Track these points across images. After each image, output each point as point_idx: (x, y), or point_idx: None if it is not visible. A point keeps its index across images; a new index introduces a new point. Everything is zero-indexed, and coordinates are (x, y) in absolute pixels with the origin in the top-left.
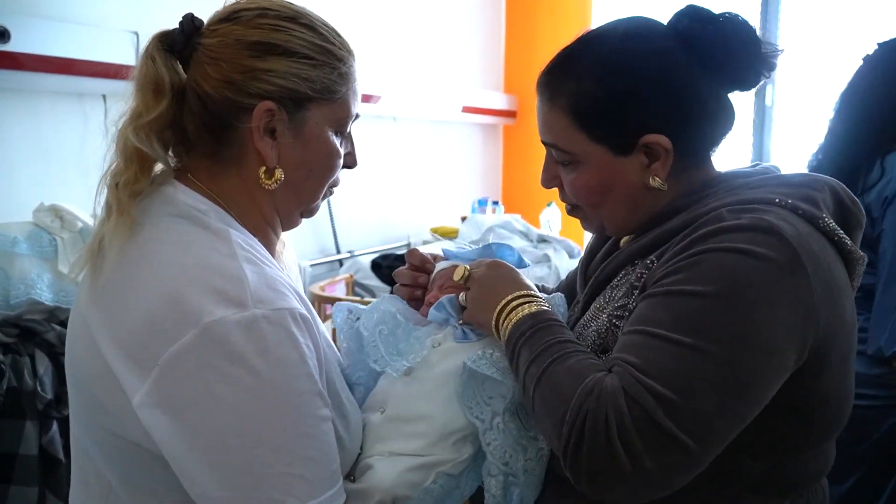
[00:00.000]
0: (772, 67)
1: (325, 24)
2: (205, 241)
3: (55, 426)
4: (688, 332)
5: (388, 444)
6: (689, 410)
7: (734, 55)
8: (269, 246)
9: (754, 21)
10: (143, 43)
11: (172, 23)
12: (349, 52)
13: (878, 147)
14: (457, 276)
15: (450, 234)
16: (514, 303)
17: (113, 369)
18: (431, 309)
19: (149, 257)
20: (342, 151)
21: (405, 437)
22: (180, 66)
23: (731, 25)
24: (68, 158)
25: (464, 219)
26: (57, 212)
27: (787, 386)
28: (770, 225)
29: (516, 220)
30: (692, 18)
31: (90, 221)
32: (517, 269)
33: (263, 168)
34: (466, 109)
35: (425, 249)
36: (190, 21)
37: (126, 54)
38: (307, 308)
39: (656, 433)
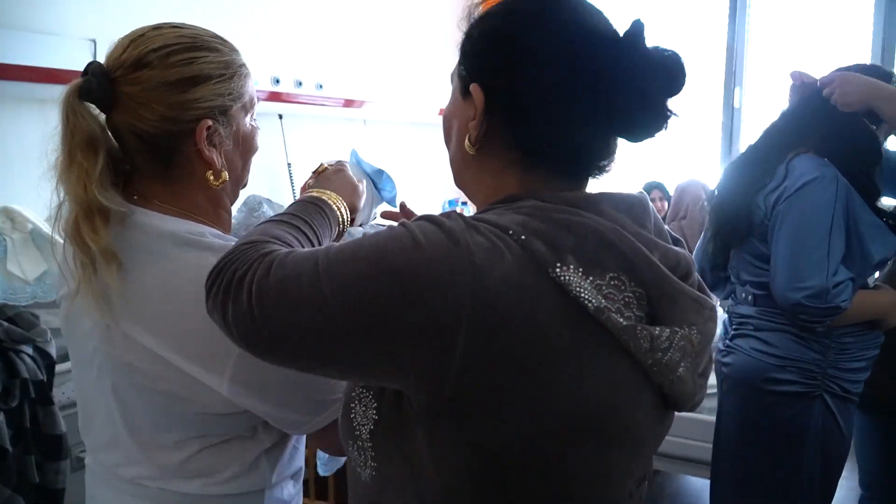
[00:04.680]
0: (664, 125)
1: (214, 36)
2: None
3: (1, 417)
4: None
5: None
6: None
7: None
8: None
9: (722, 24)
10: (101, 53)
11: (129, 30)
12: (233, 48)
13: (786, 149)
14: (318, 168)
15: None
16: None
17: (191, 374)
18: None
19: (186, 289)
20: (255, 125)
21: None
22: (97, 112)
23: (660, 63)
24: (29, 162)
25: None
26: (8, 213)
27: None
28: (451, 227)
29: None
30: (628, 31)
31: (41, 223)
32: (345, 180)
33: (210, 171)
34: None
35: None
36: (102, 70)
37: (84, 61)
38: None
39: None
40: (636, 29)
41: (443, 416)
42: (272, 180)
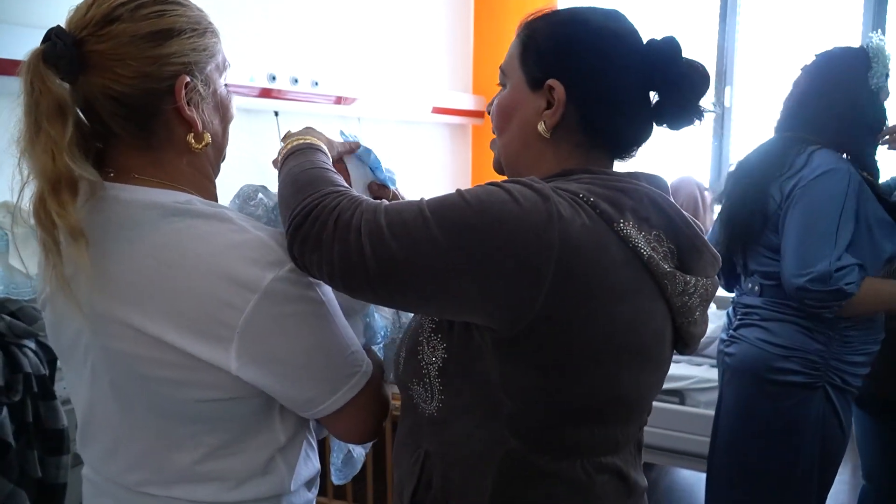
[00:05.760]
0: (702, 117)
1: None
2: (215, 229)
3: (5, 411)
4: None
5: None
6: None
7: (683, 97)
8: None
9: (713, 24)
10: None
11: None
12: (200, 8)
13: (804, 144)
14: (283, 136)
15: None
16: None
17: (193, 354)
18: None
19: (179, 260)
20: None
21: None
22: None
23: (695, 71)
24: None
25: None
26: (9, 208)
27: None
28: (541, 188)
29: None
30: (667, 44)
31: None
32: (320, 133)
33: (192, 134)
34: (436, 110)
35: None
36: (68, 33)
37: None
38: None
39: None
40: (676, 44)
41: (519, 343)
42: (267, 178)
